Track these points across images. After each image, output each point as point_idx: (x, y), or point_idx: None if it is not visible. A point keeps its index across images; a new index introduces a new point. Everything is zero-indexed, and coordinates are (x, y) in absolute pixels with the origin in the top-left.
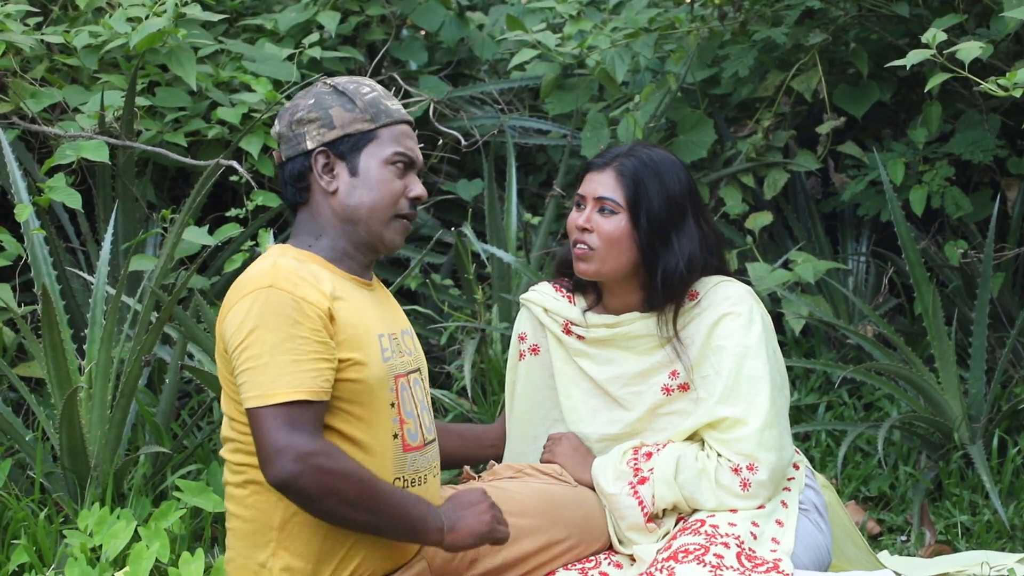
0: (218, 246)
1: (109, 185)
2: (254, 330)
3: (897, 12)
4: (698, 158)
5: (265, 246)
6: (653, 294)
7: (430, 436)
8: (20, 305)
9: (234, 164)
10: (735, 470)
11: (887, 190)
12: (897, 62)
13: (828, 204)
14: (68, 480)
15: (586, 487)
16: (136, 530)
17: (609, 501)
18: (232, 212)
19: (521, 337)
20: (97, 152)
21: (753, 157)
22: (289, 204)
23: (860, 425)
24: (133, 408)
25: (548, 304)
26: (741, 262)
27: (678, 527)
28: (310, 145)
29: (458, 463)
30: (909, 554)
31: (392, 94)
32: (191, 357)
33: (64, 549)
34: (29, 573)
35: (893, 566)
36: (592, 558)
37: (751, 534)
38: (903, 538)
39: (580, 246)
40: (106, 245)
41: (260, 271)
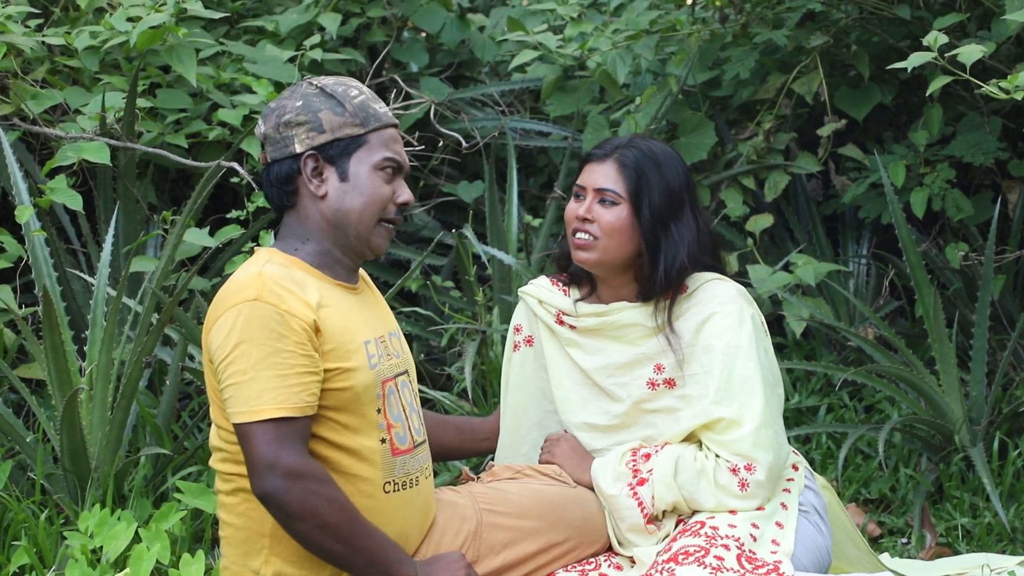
0: (219, 248)
1: (110, 186)
2: (239, 344)
3: (898, 14)
4: (699, 160)
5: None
6: (650, 284)
7: (419, 438)
8: (21, 306)
9: (235, 166)
10: (733, 470)
11: (888, 192)
12: (898, 65)
13: (829, 206)
14: (69, 481)
15: (585, 488)
16: (137, 531)
17: (608, 502)
18: (233, 214)
19: (517, 329)
20: (98, 154)
21: (754, 159)
22: (275, 207)
23: (861, 427)
24: (134, 409)
25: (543, 296)
26: (742, 264)
27: (678, 529)
28: (299, 148)
29: (454, 456)
30: (910, 556)
31: (394, 101)
32: (192, 358)
33: (65, 550)
34: (29, 574)
35: (894, 568)
36: (592, 560)
37: (751, 536)
38: (904, 540)
39: (580, 236)
40: (107, 246)
41: (245, 281)
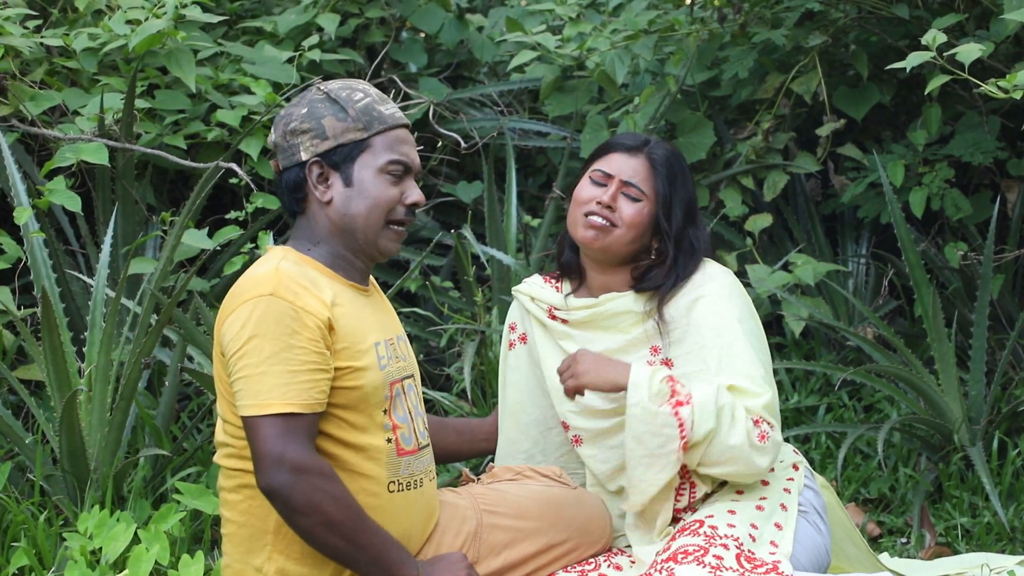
0: (218, 249)
1: (109, 188)
2: (252, 338)
3: (897, 14)
4: (698, 160)
5: (265, 249)
6: (656, 281)
7: (424, 441)
8: (20, 308)
9: (233, 166)
10: (756, 422)
11: (887, 192)
12: (897, 64)
13: (828, 206)
14: (68, 483)
15: (612, 388)
16: (136, 533)
17: (643, 419)
18: (232, 214)
19: (511, 327)
20: (97, 155)
21: (753, 159)
22: (288, 212)
23: (860, 427)
24: (133, 411)
25: (535, 292)
26: (741, 264)
27: (677, 528)
28: (304, 156)
29: (454, 458)
30: (909, 556)
31: (389, 97)
32: (191, 359)
33: (64, 552)
34: None
35: (893, 568)
36: (592, 560)
37: (750, 535)
38: (903, 540)
39: (597, 218)
40: (106, 248)
41: (262, 276)
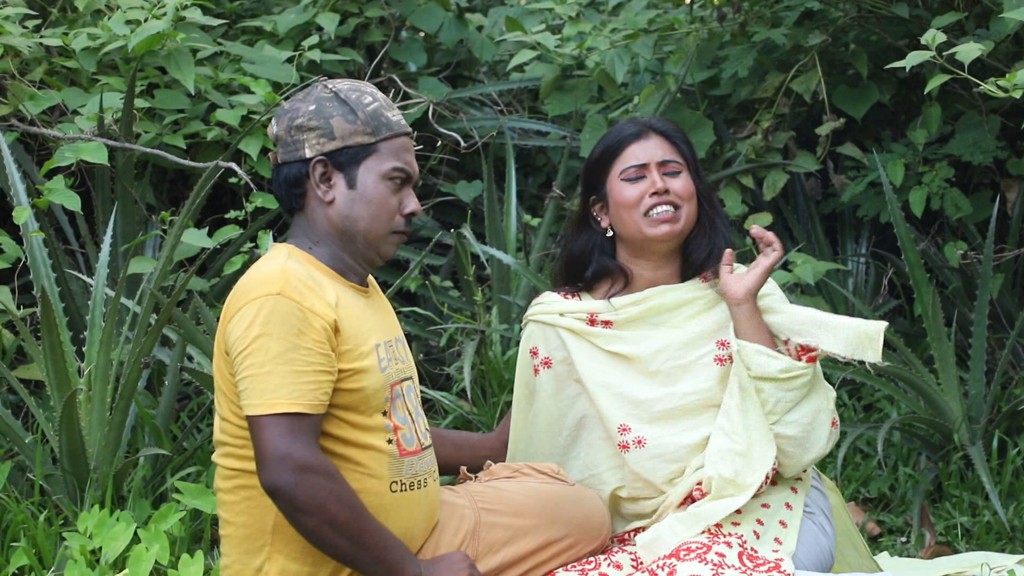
0: (217, 248)
1: (108, 187)
2: (259, 337)
3: (897, 13)
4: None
5: (264, 248)
6: (706, 251)
7: (427, 441)
8: (19, 307)
9: (233, 166)
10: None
11: (887, 191)
12: (897, 63)
13: (828, 205)
14: (68, 482)
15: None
16: (136, 532)
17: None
18: (231, 214)
19: (533, 352)
20: (96, 154)
21: (752, 158)
22: (283, 207)
23: (860, 426)
24: (132, 410)
25: (563, 307)
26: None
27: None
28: (308, 153)
29: (452, 471)
30: (909, 555)
31: (392, 101)
32: (190, 359)
33: (64, 551)
34: (28, 575)
35: (893, 567)
36: (591, 559)
37: (754, 533)
38: (903, 539)
39: (662, 209)
40: (105, 247)
41: (269, 275)
